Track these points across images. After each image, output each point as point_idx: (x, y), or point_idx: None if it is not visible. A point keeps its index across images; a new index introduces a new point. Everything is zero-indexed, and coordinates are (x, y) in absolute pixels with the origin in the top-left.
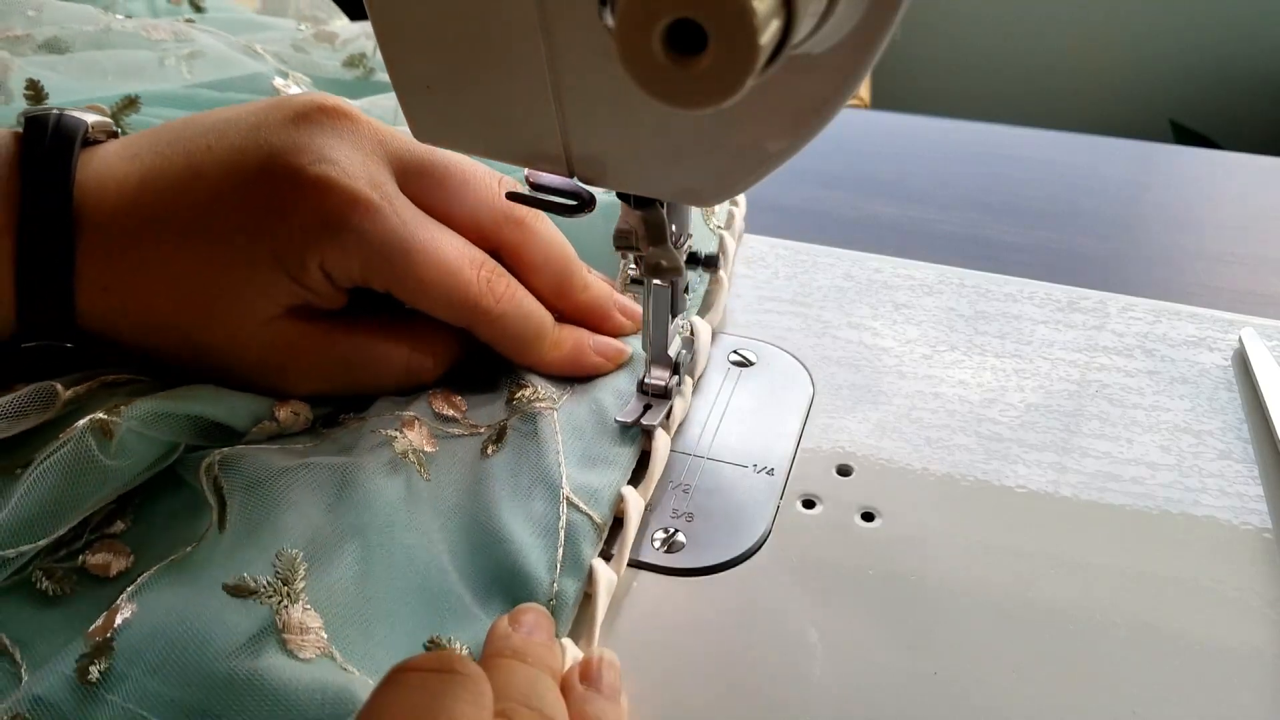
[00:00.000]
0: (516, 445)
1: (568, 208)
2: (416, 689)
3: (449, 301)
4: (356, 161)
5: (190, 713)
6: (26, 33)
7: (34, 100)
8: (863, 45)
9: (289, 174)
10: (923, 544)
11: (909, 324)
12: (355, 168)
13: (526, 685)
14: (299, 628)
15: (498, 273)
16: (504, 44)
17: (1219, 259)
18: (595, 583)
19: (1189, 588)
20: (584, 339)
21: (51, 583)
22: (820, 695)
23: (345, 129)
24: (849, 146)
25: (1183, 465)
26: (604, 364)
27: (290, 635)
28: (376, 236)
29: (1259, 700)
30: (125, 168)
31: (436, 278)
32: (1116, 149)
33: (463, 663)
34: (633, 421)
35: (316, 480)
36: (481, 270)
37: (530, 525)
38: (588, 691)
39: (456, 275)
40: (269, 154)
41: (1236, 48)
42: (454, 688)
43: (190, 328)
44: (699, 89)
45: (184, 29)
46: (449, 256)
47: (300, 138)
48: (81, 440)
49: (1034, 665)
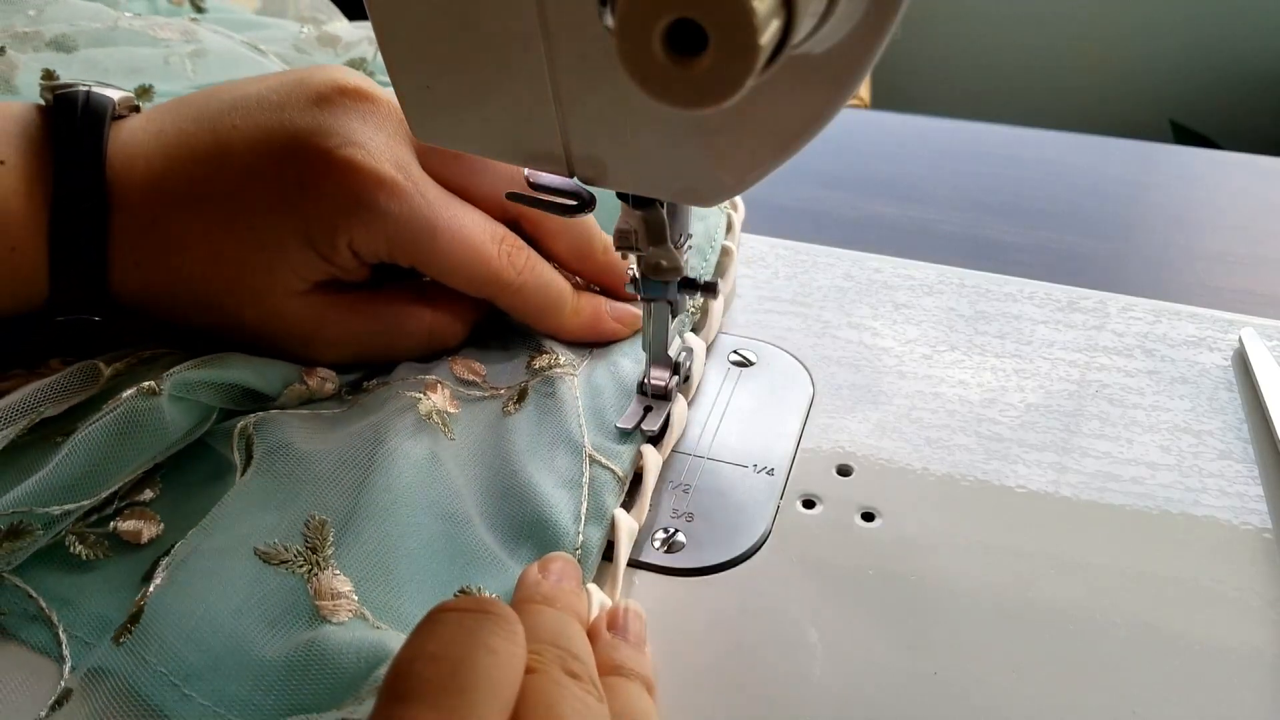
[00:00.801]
0: (538, 405)
1: (568, 208)
2: (453, 625)
3: (472, 276)
4: (381, 143)
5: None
6: (34, 29)
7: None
8: (863, 45)
9: (318, 156)
10: (923, 544)
11: (909, 324)
12: (380, 149)
13: (555, 628)
14: (330, 593)
15: (518, 246)
16: (504, 44)
17: (1219, 259)
18: (618, 531)
19: (1189, 588)
20: (601, 306)
21: (85, 547)
22: (820, 695)
23: (368, 111)
24: (849, 146)
25: (1183, 465)
26: (621, 329)
27: (322, 601)
28: (402, 217)
29: (1259, 700)
30: (151, 143)
31: (460, 255)
32: (1116, 149)
33: (497, 604)
34: (633, 427)
35: (345, 442)
36: (503, 245)
37: (554, 478)
38: (614, 639)
39: (479, 251)
40: (296, 135)
41: (1236, 48)
42: (489, 624)
43: (221, 301)
44: (699, 89)
45: (190, 27)
46: (471, 234)
47: (326, 120)
48: (131, 404)
49: (1034, 665)
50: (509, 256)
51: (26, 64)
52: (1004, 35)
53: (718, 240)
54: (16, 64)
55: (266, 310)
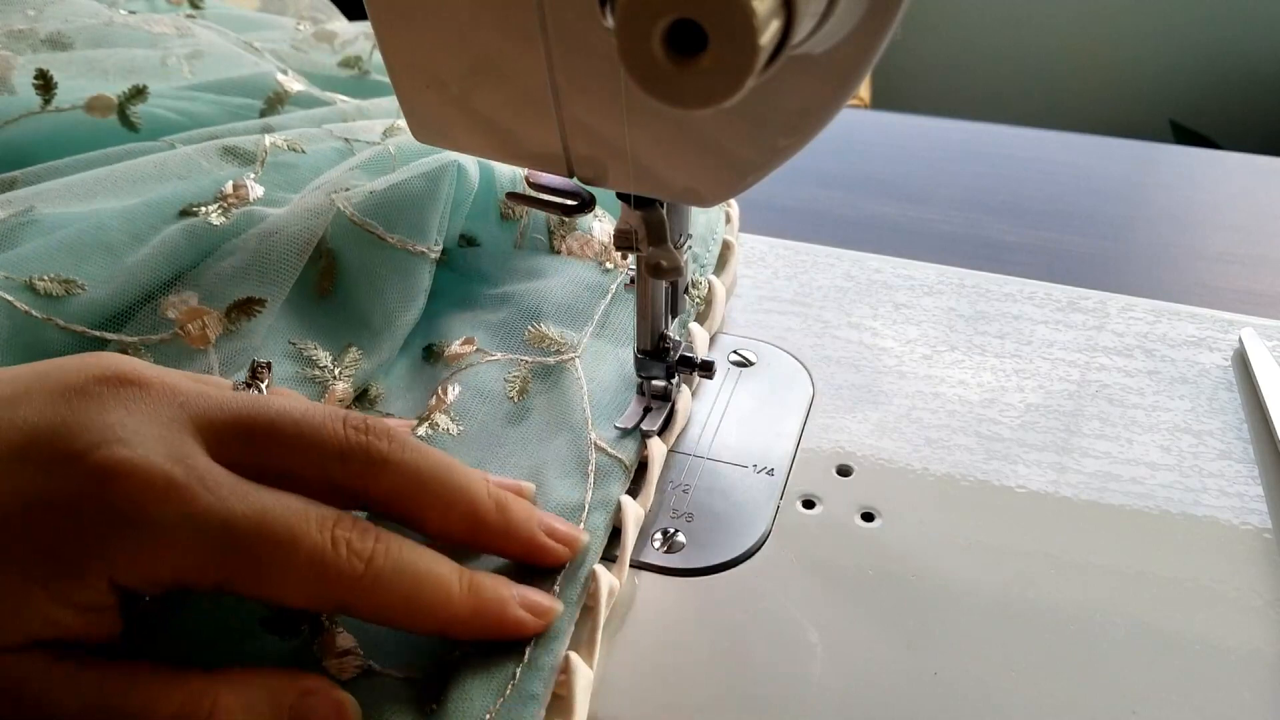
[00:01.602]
0: (543, 395)
1: (568, 208)
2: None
3: (301, 581)
4: (151, 435)
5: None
6: (30, 27)
7: (43, 90)
8: (863, 45)
9: (63, 462)
10: (923, 544)
11: (909, 324)
12: (149, 442)
13: None
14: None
15: (358, 528)
16: (504, 44)
17: (1219, 259)
18: (624, 518)
19: (1189, 588)
20: (505, 590)
21: None
22: (820, 695)
23: (133, 397)
24: (849, 146)
25: (1183, 465)
26: (530, 621)
27: (330, 662)
28: (188, 522)
29: (1259, 700)
30: None
31: (277, 557)
32: (1116, 149)
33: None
34: (632, 427)
35: None
36: (335, 529)
37: (559, 467)
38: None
39: (303, 543)
40: (33, 432)
41: (1236, 48)
42: None
43: None
44: (699, 89)
45: (185, 24)
46: (290, 525)
47: (76, 415)
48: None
49: (1034, 665)
50: (348, 543)
51: (23, 64)
52: (1004, 35)
53: (719, 233)
54: (13, 64)
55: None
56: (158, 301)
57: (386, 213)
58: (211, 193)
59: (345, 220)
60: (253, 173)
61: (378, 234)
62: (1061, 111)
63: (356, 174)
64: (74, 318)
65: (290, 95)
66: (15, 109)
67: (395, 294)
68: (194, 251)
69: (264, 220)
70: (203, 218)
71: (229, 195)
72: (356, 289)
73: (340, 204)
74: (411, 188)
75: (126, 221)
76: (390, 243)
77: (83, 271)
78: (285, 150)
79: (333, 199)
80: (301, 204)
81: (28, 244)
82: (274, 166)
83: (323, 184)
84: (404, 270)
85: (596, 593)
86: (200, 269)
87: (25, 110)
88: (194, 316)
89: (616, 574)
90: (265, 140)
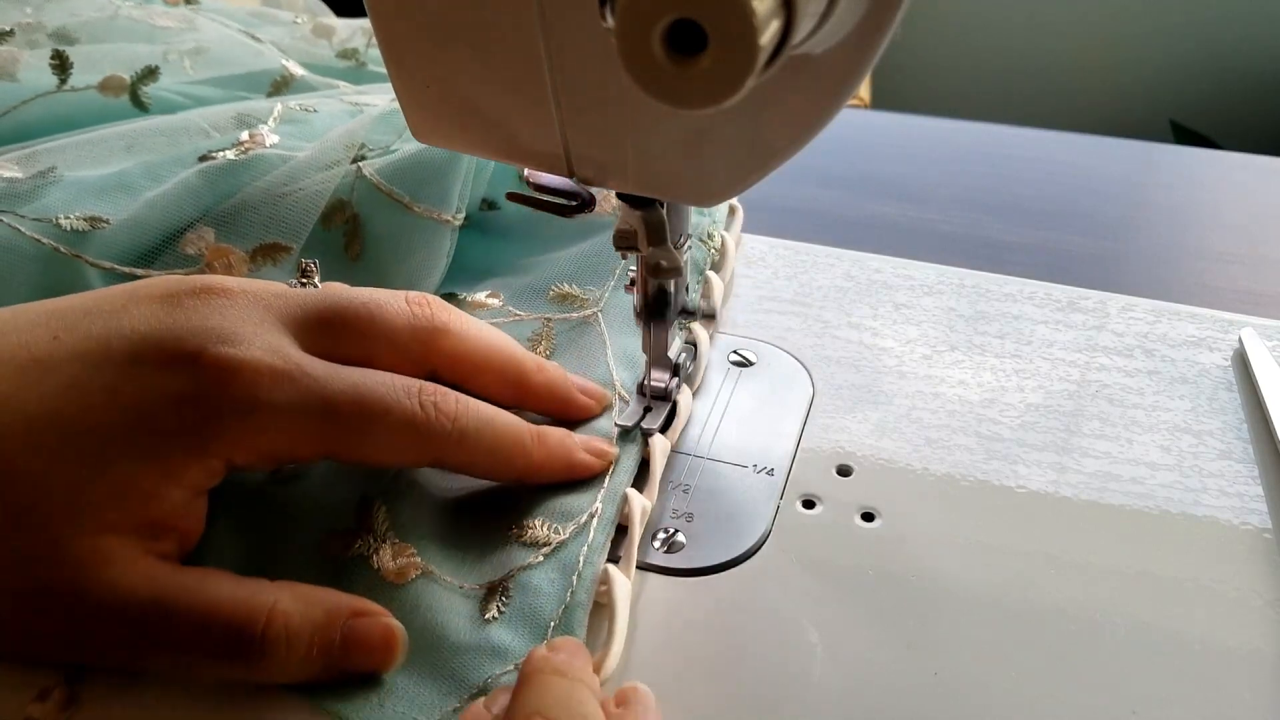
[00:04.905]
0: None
1: (567, 208)
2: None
3: (400, 442)
4: (248, 334)
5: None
6: (37, 20)
7: (60, 70)
8: (863, 45)
9: (177, 359)
10: (923, 544)
11: (909, 324)
12: (248, 338)
13: (567, 694)
14: (393, 556)
15: (440, 393)
16: (504, 44)
17: (1219, 259)
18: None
19: (1189, 588)
20: (568, 437)
21: None
22: (820, 695)
23: (223, 304)
24: (849, 146)
25: (1183, 465)
26: (594, 464)
27: (388, 566)
28: (296, 404)
29: (1259, 700)
30: None
31: (376, 423)
32: (1116, 149)
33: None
34: (633, 425)
35: None
36: (421, 395)
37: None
38: (626, 712)
39: (395, 410)
40: (143, 339)
41: (1236, 48)
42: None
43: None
44: (699, 89)
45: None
46: (381, 395)
47: (179, 322)
48: None
49: (1034, 665)
50: (435, 406)
51: (27, 59)
52: (1004, 35)
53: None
54: (18, 57)
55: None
56: (178, 238)
57: (410, 180)
58: (229, 144)
59: (370, 185)
60: (266, 126)
61: (405, 202)
62: (1061, 111)
63: (373, 127)
64: (101, 254)
65: (295, 79)
66: (28, 91)
67: (418, 260)
68: (211, 192)
69: (281, 165)
70: (220, 160)
71: (245, 142)
72: (380, 253)
73: (366, 172)
74: (434, 155)
75: (147, 170)
76: (416, 211)
77: (105, 210)
78: (298, 110)
79: (359, 167)
80: (317, 156)
81: (51, 195)
82: (288, 121)
83: (339, 134)
84: (427, 237)
85: (630, 513)
86: (217, 209)
87: (40, 91)
88: (221, 255)
89: (624, 570)
90: (278, 105)
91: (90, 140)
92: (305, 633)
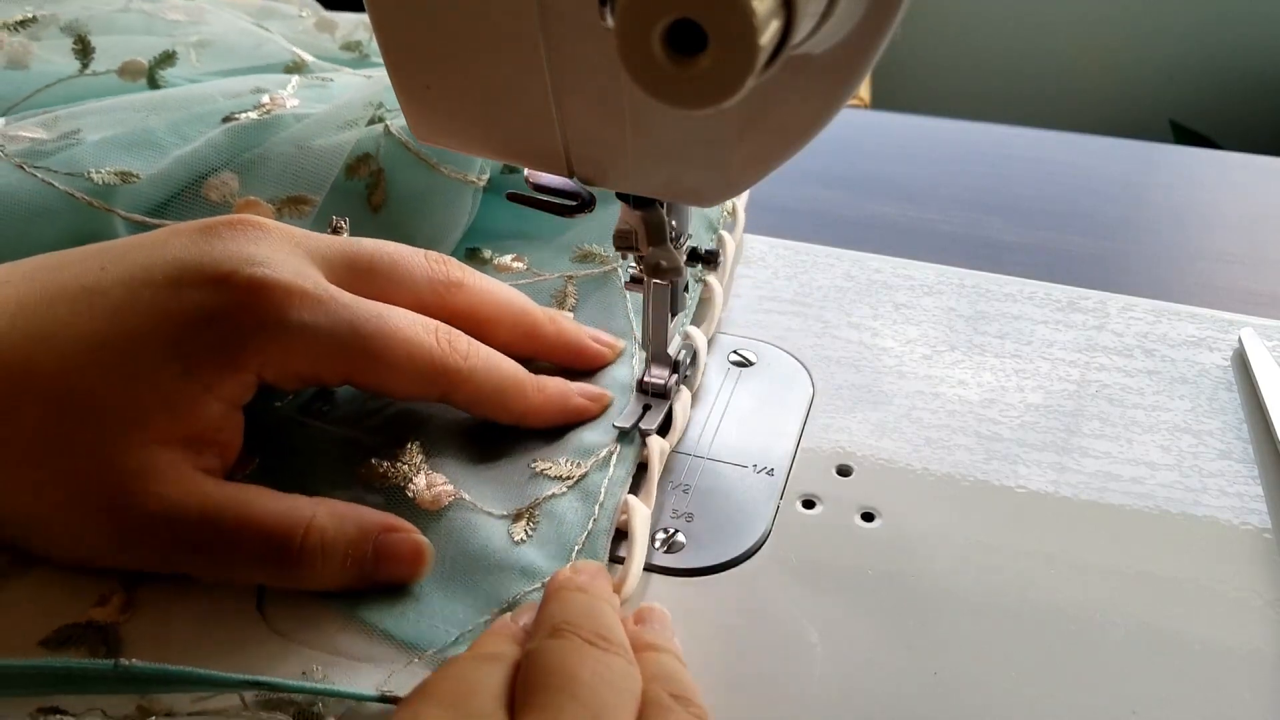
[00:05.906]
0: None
1: (567, 208)
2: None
3: (415, 372)
4: (280, 260)
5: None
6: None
7: (81, 55)
8: (863, 45)
9: (213, 279)
10: (923, 544)
11: (909, 324)
12: (282, 263)
13: (586, 607)
14: (428, 486)
15: (455, 334)
16: (504, 44)
17: (1219, 259)
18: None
19: (1189, 588)
20: (566, 384)
21: None
22: (820, 695)
23: (258, 235)
24: (849, 146)
25: (1183, 465)
26: (591, 406)
27: (424, 495)
28: (323, 325)
29: (1259, 700)
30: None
31: (396, 352)
32: (1116, 149)
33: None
34: (631, 425)
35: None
36: (438, 333)
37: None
38: (644, 627)
39: (415, 343)
40: (183, 264)
41: (1236, 48)
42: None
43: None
44: (699, 89)
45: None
46: (402, 327)
47: (215, 248)
48: None
49: (1034, 665)
50: (450, 344)
51: (39, 51)
52: (1004, 35)
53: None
54: (30, 48)
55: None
56: (200, 185)
57: None
58: (250, 105)
59: (396, 143)
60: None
61: (431, 162)
62: (1061, 111)
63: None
64: (133, 208)
65: (305, 65)
66: (50, 76)
67: (440, 219)
68: (236, 148)
69: (301, 122)
70: (244, 119)
71: (266, 104)
72: (404, 209)
73: (394, 129)
74: None
75: (173, 127)
76: (443, 172)
77: (135, 166)
78: (315, 80)
79: (387, 124)
80: (337, 111)
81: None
82: (305, 87)
83: (358, 94)
84: (451, 197)
85: (649, 454)
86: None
87: (62, 76)
88: (249, 207)
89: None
90: (295, 77)
91: (111, 105)
92: (340, 545)
